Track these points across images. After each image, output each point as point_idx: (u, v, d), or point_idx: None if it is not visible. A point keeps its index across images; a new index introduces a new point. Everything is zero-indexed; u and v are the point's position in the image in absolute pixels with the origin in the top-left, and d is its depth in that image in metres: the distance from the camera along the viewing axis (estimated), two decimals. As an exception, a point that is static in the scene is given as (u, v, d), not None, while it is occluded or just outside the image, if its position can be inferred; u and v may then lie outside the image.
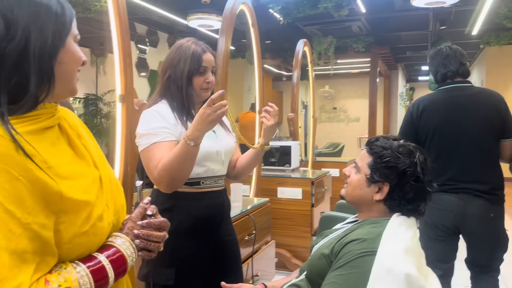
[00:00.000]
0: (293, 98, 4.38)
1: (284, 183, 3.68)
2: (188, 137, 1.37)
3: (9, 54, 0.75)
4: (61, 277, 0.76)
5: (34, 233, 0.72)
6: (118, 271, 0.86)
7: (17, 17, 0.76)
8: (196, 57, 1.54)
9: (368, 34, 6.92)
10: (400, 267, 1.02)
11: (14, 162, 0.71)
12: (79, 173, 0.85)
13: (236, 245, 1.73)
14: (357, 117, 10.90)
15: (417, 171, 1.17)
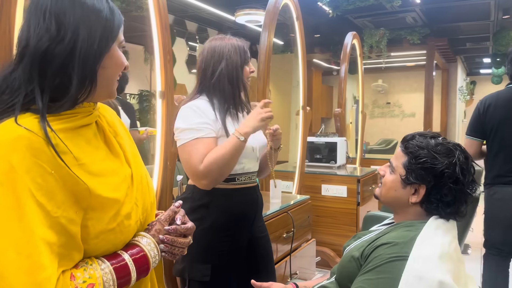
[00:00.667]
0: (340, 93, 4.27)
1: (328, 180, 3.60)
2: (239, 133, 1.43)
3: (57, 55, 0.78)
4: (87, 273, 0.78)
5: (62, 227, 0.74)
6: (141, 270, 0.87)
7: (69, 20, 0.79)
8: (241, 48, 1.57)
9: (424, 25, 6.59)
10: (433, 274, 0.95)
11: (47, 158, 0.73)
12: (111, 170, 0.87)
13: (268, 241, 1.72)
14: (412, 113, 10.46)
15: (456, 172, 1.08)
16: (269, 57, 2.77)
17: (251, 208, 1.61)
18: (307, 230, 2.54)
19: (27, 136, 0.72)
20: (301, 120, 3.36)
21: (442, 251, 1.01)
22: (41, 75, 0.78)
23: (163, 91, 1.98)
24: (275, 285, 1.32)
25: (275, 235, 2.15)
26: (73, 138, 0.82)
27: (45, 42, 0.78)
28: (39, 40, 0.78)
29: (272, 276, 1.72)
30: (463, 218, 1.15)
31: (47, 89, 0.79)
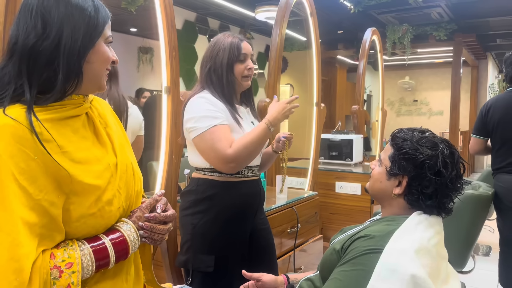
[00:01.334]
0: (358, 89, 4.23)
1: (343, 177, 3.58)
2: (270, 123, 1.52)
3: (43, 52, 0.84)
4: (66, 253, 0.83)
5: (44, 209, 0.80)
6: (120, 253, 0.92)
7: (54, 18, 0.84)
8: (234, 45, 1.58)
9: (450, 21, 6.42)
10: (405, 268, 0.95)
11: (30, 145, 0.79)
12: (95, 159, 0.92)
13: (269, 234, 1.74)
14: (440, 111, 10.22)
15: (438, 164, 1.07)
16: (280, 53, 2.78)
17: (254, 201, 1.63)
18: (314, 226, 2.54)
19: (12, 125, 0.78)
20: (314, 117, 3.35)
21: (419, 245, 1.00)
22: (29, 70, 0.84)
23: (168, 87, 2.03)
24: (266, 275, 1.34)
25: (279, 229, 2.17)
26: (59, 128, 0.87)
27: (32, 39, 0.83)
28: (27, 37, 0.84)
29: (274, 267, 1.74)
30: (449, 214, 1.14)
31: (35, 83, 0.84)
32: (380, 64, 4.76)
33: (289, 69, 7.38)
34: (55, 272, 0.80)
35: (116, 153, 0.98)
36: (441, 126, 9.60)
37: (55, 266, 0.80)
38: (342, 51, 7.79)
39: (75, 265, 0.82)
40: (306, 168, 3.39)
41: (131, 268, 1.03)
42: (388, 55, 6.97)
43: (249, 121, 1.68)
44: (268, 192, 2.49)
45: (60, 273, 0.80)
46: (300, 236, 2.34)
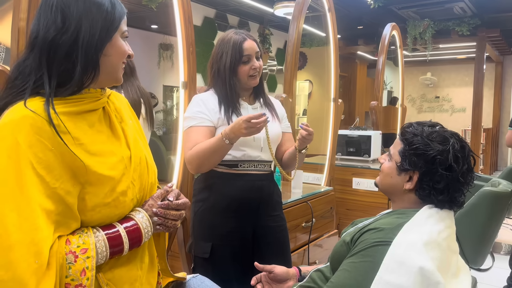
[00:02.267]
0: (377, 85, 4.20)
1: (360, 173, 3.57)
2: (225, 135, 1.45)
3: (62, 45, 0.88)
4: (81, 239, 0.87)
5: (60, 197, 0.84)
6: (133, 241, 0.96)
7: (73, 13, 0.88)
8: (236, 47, 1.58)
9: (473, 16, 6.27)
10: (414, 260, 0.96)
11: (48, 136, 0.83)
12: (109, 151, 0.96)
13: (281, 232, 1.72)
14: (462, 107, 10.01)
15: (449, 159, 1.07)
16: (297, 49, 2.79)
17: (253, 194, 1.62)
18: (330, 221, 2.55)
19: (31, 116, 0.83)
20: (332, 112, 3.35)
21: (429, 238, 1.01)
22: (49, 62, 0.88)
23: (185, 82, 2.06)
24: (278, 267, 1.36)
25: (294, 223, 2.19)
26: (76, 121, 0.91)
27: (52, 32, 0.88)
28: (47, 31, 0.88)
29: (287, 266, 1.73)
30: (460, 208, 1.14)
31: (54, 75, 0.89)
32: (400, 60, 4.70)
33: (308, 65, 7.36)
34: (70, 257, 0.84)
35: (130, 147, 1.02)
36: (463, 123, 9.41)
37: (70, 251, 0.84)
38: (362, 46, 7.71)
39: (90, 250, 0.86)
40: (323, 164, 3.40)
41: (145, 257, 1.07)
42: (409, 51, 6.86)
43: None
44: (283, 187, 2.51)
45: (75, 258, 0.84)
46: (315, 231, 2.36)
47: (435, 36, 6.55)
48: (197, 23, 5.63)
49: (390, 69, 6.70)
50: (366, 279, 0.99)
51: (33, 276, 0.77)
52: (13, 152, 0.80)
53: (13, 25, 1.45)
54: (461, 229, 2.35)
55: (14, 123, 0.82)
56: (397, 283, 0.95)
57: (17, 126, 0.81)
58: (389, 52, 4.59)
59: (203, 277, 1.29)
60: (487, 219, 2.24)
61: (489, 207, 2.24)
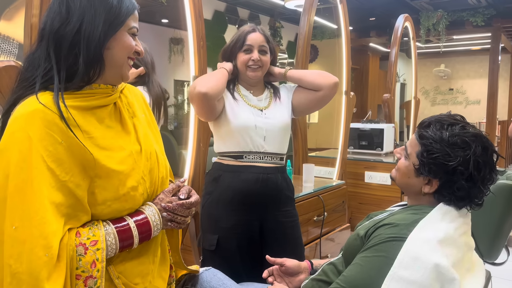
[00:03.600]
0: (390, 77, 4.15)
1: (372, 167, 3.54)
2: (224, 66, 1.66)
3: (65, 36, 0.88)
4: (91, 231, 0.88)
5: (70, 191, 0.85)
6: (143, 235, 0.96)
7: (77, 4, 0.89)
8: (241, 35, 1.64)
9: (488, 6, 6.16)
10: (429, 256, 0.95)
11: (58, 129, 0.84)
12: (119, 146, 0.96)
13: (292, 228, 1.70)
14: (477, 99, 9.88)
15: (469, 169, 1.02)
16: (308, 41, 2.77)
17: (259, 187, 1.60)
18: (342, 215, 2.54)
19: (42, 110, 0.84)
20: (343, 106, 3.32)
21: (445, 235, 0.99)
22: (56, 54, 0.89)
23: (196, 76, 2.07)
24: (289, 261, 1.36)
25: (305, 217, 2.18)
26: (85, 115, 0.91)
27: (56, 24, 0.89)
28: (52, 22, 0.89)
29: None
30: (479, 207, 1.11)
31: (62, 67, 0.89)
32: (413, 51, 4.64)
33: (319, 58, 7.30)
34: (80, 249, 0.85)
35: (140, 142, 1.02)
36: (478, 115, 9.28)
37: (80, 244, 0.85)
38: (374, 38, 7.63)
39: (100, 242, 0.87)
40: (335, 158, 3.38)
41: (157, 251, 1.08)
42: (422, 42, 6.77)
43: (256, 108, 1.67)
44: (295, 181, 2.51)
45: (85, 250, 0.85)
46: (327, 225, 2.35)
47: (448, 27, 6.45)
48: (207, 17, 5.62)
49: (403, 61, 6.62)
50: (379, 274, 0.98)
51: (44, 269, 0.78)
52: (24, 146, 0.81)
53: (26, 21, 1.46)
54: (475, 223, 2.32)
55: (25, 117, 0.83)
56: (412, 279, 0.94)
57: (28, 120, 0.82)
58: (402, 44, 4.53)
59: (216, 270, 1.30)
60: (502, 212, 2.21)
61: (504, 200, 2.21)
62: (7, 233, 0.78)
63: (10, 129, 0.83)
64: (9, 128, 0.84)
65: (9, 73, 1.36)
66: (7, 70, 1.36)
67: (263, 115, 1.64)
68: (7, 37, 3.60)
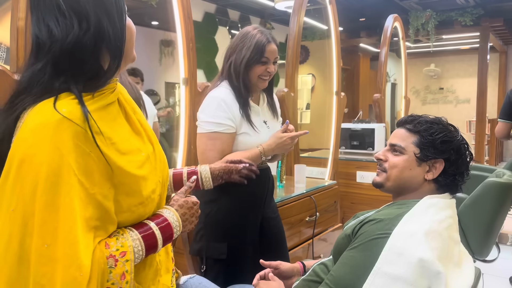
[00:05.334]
0: (380, 77, 4.17)
1: (364, 167, 3.56)
2: (264, 152, 1.57)
3: (87, 44, 0.82)
4: (119, 242, 0.85)
5: (98, 203, 0.81)
6: (166, 237, 0.94)
7: (86, 8, 0.82)
8: (260, 47, 1.56)
9: (476, 5, 6.22)
10: (413, 251, 0.95)
11: (86, 139, 0.79)
12: (136, 148, 0.92)
13: (279, 222, 1.77)
14: (467, 98, 9.94)
15: (467, 144, 1.14)
16: (298, 42, 2.77)
17: (263, 189, 1.67)
18: (334, 215, 2.55)
19: (67, 120, 0.77)
20: (334, 106, 3.33)
21: (429, 228, 1.00)
22: (73, 65, 0.82)
23: (186, 78, 2.06)
24: (284, 264, 1.36)
25: (297, 218, 2.19)
26: (104, 117, 0.86)
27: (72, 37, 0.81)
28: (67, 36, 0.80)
29: (285, 255, 1.77)
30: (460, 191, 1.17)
31: (81, 76, 0.83)
32: (403, 51, 4.67)
33: (310, 59, 7.32)
34: (111, 261, 0.81)
35: (152, 142, 0.99)
36: (468, 114, 9.36)
37: (110, 255, 0.81)
38: (364, 39, 7.68)
39: (128, 253, 0.84)
40: (326, 158, 3.39)
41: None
42: (412, 42, 6.82)
43: (262, 121, 1.67)
44: (287, 181, 2.51)
45: (115, 262, 0.81)
46: (319, 225, 2.35)
47: (438, 26, 6.51)
48: (197, 18, 5.61)
49: (393, 61, 6.66)
50: (365, 273, 0.98)
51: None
52: (54, 158, 0.75)
53: (12, 25, 1.44)
54: (466, 220, 2.34)
55: (51, 127, 0.76)
56: (395, 274, 0.94)
57: (56, 131, 0.76)
58: (392, 44, 4.56)
59: (201, 277, 1.29)
60: (492, 209, 2.23)
61: (494, 197, 2.22)
62: (38, 251, 0.73)
63: (33, 138, 0.76)
64: (30, 137, 0.76)
65: (-4, 77, 1.35)
66: (-7, 74, 1.34)
67: (269, 129, 1.67)
68: (-5, 41, 3.57)
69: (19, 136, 0.77)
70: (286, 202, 2.10)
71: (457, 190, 1.15)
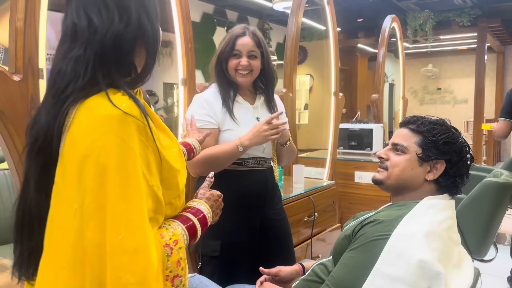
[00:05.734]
0: (378, 78, 4.18)
1: (362, 167, 3.56)
2: (240, 144, 1.50)
3: (127, 38, 0.83)
4: (170, 232, 0.87)
5: (155, 195, 0.83)
6: (202, 227, 0.97)
7: (128, 4, 0.84)
8: (231, 40, 1.58)
9: (474, 6, 6.24)
10: (412, 252, 0.96)
11: (146, 134, 0.80)
12: (168, 144, 0.94)
13: (285, 224, 1.74)
14: (464, 98, 9.97)
15: (469, 146, 1.15)
16: (296, 42, 2.78)
17: (259, 189, 1.64)
18: (332, 216, 2.55)
19: (130, 115, 0.78)
20: (332, 106, 3.34)
21: (429, 229, 1.00)
22: (114, 57, 0.82)
23: (184, 78, 2.06)
24: (284, 270, 1.37)
25: (296, 218, 2.19)
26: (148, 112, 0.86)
27: (114, 29, 0.81)
28: (108, 28, 0.81)
29: (291, 257, 1.75)
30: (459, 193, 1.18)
31: (120, 70, 0.84)
32: (401, 52, 4.68)
33: (308, 59, 7.33)
34: (167, 250, 0.83)
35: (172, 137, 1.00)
36: (466, 114, 9.38)
37: (166, 244, 0.83)
38: (362, 39, 7.68)
39: (180, 241, 0.86)
40: (325, 158, 3.39)
41: None
42: (410, 42, 6.83)
43: (254, 117, 1.65)
44: (285, 182, 2.51)
45: (171, 250, 0.84)
46: (318, 225, 2.36)
47: (435, 27, 6.52)
48: (195, 19, 5.61)
49: (391, 62, 6.67)
50: (365, 274, 0.99)
51: (153, 277, 0.75)
52: (121, 151, 0.76)
53: (11, 25, 1.44)
54: (464, 220, 2.34)
55: (113, 121, 0.76)
56: (395, 275, 0.95)
57: (120, 125, 0.76)
58: (390, 45, 4.57)
59: (201, 276, 1.30)
60: (489, 209, 2.24)
61: (492, 197, 2.23)
62: (113, 243, 0.73)
63: (96, 132, 0.75)
64: (92, 132, 0.76)
65: (-6, 77, 1.35)
66: (-8, 74, 1.34)
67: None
68: (-7, 42, 3.56)
69: (76, 132, 0.76)
70: (284, 202, 2.10)
71: (457, 191, 1.16)
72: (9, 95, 1.38)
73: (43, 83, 1.49)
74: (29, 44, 1.44)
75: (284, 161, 1.80)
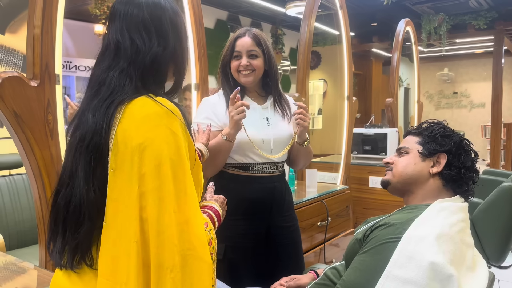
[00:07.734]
0: (392, 82, 4.15)
1: (376, 172, 3.53)
2: (225, 133, 1.50)
3: (163, 60, 0.94)
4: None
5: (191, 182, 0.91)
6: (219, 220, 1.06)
7: (167, 32, 0.95)
8: (231, 42, 1.61)
9: (490, 9, 6.16)
10: (423, 255, 0.95)
11: (185, 131, 0.91)
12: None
13: (293, 232, 1.70)
14: (481, 103, 9.84)
15: (469, 145, 1.17)
16: (308, 47, 2.78)
17: (266, 196, 1.61)
18: (346, 220, 2.53)
19: (172, 110, 0.89)
20: (346, 111, 3.33)
21: (441, 231, 0.99)
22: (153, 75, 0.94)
23: (197, 83, 2.09)
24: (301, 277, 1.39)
25: (309, 222, 2.18)
26: None
27: (154, 51, 0.93)
28: (150, 49, 0.92)
29: (300, 265, 1.71)
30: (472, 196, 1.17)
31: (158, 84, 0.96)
32: (416, 56, 4.65)
33: (322, 64, 7.32)
34: None
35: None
36: (483, 119, 9.25)
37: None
38: (376, 43, 7.65)
39: (209, 224, 0.96)
40: (338, 163, 3.38)
41: None
42: (424, 46, 6.77)
43: (262, 118, 1.65)
44: (298, 186, 2.51)
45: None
46: (331, 230, 2.34)
47: (450, 30, 6.45)
48: (209, 26, 5.66)
49: (406, 66, 6.62)
50: (376, 277, 0.98)
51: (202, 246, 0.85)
52: (173, 140, 0.85)
53: (28, 33, 1.48)
54: (481, 225, 2.31)
55: (162, 116, 0.86)
56: (406, 277, 0.94)
57: (167, 119, 0.86)
58: (404, 49, 4.54)
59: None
60: (507, 214, 2.20)
61: (510, 202, 2.20)
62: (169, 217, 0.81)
63: (147, 125, 0.85)
64: (144, 125, 0.85)
65: (12, 83, 1.38)
66: (10, 80, 1.38)
67: (269, 126, 1.62)
68: (12, 50, 3.65)
69: (128, 125, 0.85)
70: (297, 207, 2.09)
71: (464, 185, 1.14)
72: (27, 100, 1.41)
73: (59, 89, 1.52)
74: (46, 50, 1.47)
75: (300, 163, 1.77)
